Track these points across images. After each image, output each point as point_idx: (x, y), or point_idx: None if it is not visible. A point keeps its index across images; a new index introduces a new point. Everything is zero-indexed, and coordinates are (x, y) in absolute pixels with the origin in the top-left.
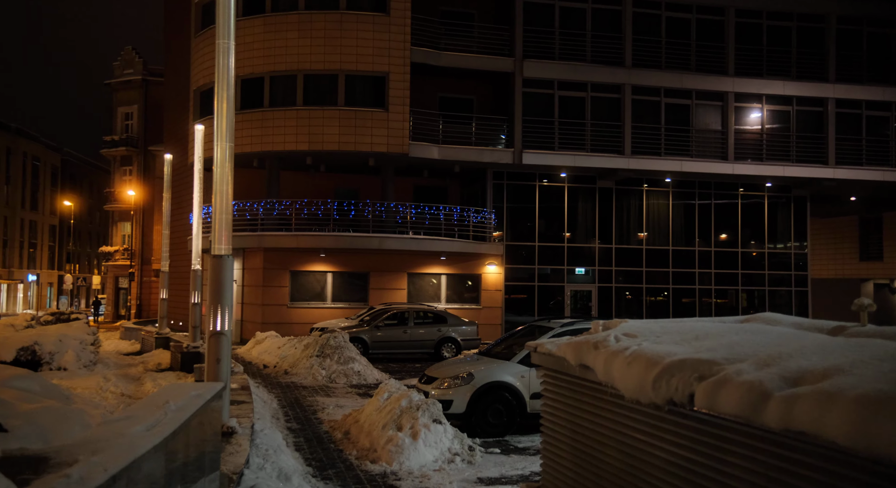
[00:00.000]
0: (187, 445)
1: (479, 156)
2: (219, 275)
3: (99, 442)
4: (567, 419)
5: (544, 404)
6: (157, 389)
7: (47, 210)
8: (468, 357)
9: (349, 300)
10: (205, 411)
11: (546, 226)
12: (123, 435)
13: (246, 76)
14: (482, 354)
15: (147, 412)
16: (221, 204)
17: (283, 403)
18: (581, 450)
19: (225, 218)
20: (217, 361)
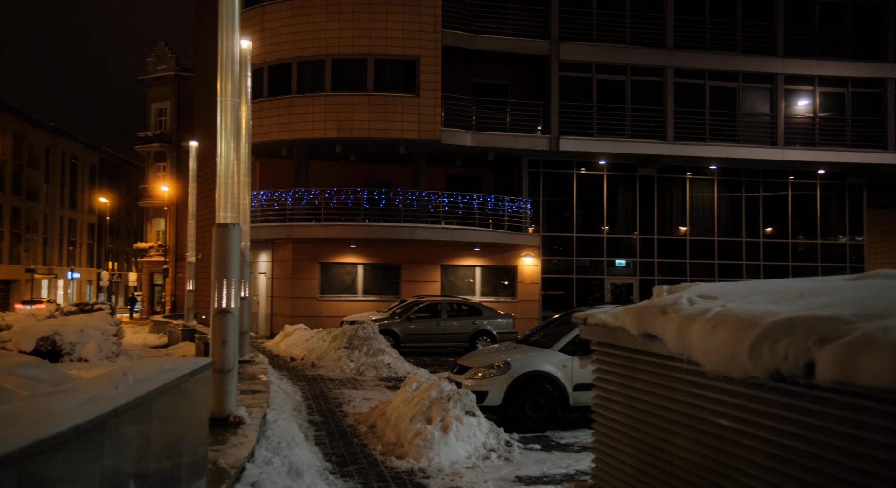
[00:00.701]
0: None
1: (514, 142)
2: (224, 247)
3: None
4: (626, 403)
5: (597, 387)
6: None
7: (86, 208)
8: (504, 346)
9: (380, 293)
10: (180, 390)
11: (584, 217)
12: (39, 411)
13: (273, 62)
14: (519, 342)
15: (94, 385)
16: (226, 167)
17: (308, 395)
18: (645, 443)
19: (230, 182)
20: (222, 343)
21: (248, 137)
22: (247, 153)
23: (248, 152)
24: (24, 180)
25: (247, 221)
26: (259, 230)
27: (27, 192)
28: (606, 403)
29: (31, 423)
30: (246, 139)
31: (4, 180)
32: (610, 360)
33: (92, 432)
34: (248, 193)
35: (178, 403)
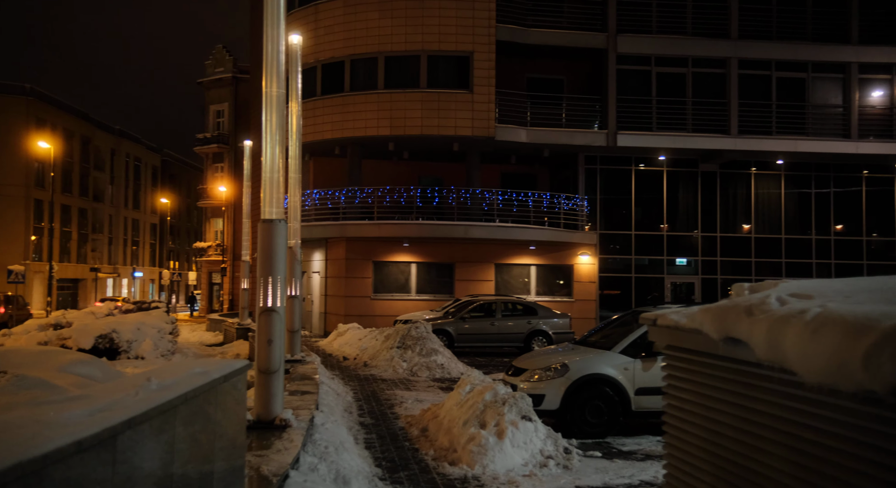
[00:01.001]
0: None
1: (571, 138)
2: (270, 243)
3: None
4: (703, 414)
5: (669, 395)
6: None
7: (148, 209)
8: (561, 347)
9: (434, 292)
10: (212, 395)
11: (643, 214)
12: (39, 423)
13: (326, 61)
14: (577, 343)
15: (112, 391)
16: (271, 162)
17: (359, 396)
18: (725, 459)
19: (275, 177)
20: (268, 342)
21: (299, 135)
22: (297, 150)
23: (298, 150)
24: (90, 182)
25: (297, 219)
26: (312, 229)
27: (94, 194)
28: (679, 413)
29: (24, 438)
30: (297, 136)
31: (73, 182)
32: (684, 366)
33: (99, 447)
34: (298, 191)
35: (210, 409)
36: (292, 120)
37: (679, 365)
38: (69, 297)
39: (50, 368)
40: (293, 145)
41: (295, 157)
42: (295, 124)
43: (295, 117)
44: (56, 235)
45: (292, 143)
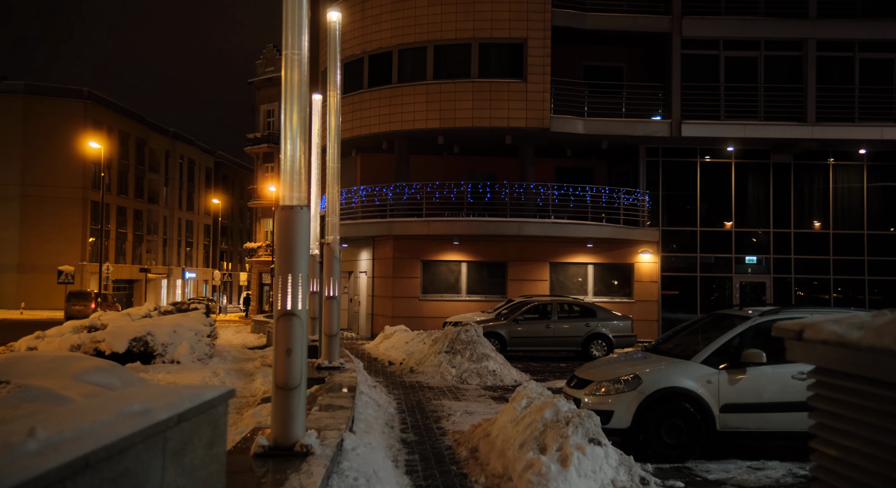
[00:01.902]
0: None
1: (631, 129)
2: (290, 234)
3: None
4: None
5: (820, 439)
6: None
7: (202, 210)
8: (629, 355)
9: (485, 292)
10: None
11: (709, 209)
12: None
13: (373, 51)
14: (648, 351)
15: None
16: (291, 138)
17: (402, 407)
18: None
19: (296, 157)
20: (286, 353)
21: (338, 124)
22: (336, 140)
23: (336, 140)
24: (145, 184)
25: (336, 213)
26: (359, 227)
27: (149, 195)
28: (842, 466)
29: None
30: (335, 126)
31: (128, 184)
32: (852, 400)
33: None
34: (338, 184)
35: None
36: (331, 107)
37: (843, 396)
38: (123, 298)
39: (63, 377)
40: (332, 135)
41: (334, 146)
42: (334, 112)
43: (334, 106)
44: (112, 236)
45: (331, 134)
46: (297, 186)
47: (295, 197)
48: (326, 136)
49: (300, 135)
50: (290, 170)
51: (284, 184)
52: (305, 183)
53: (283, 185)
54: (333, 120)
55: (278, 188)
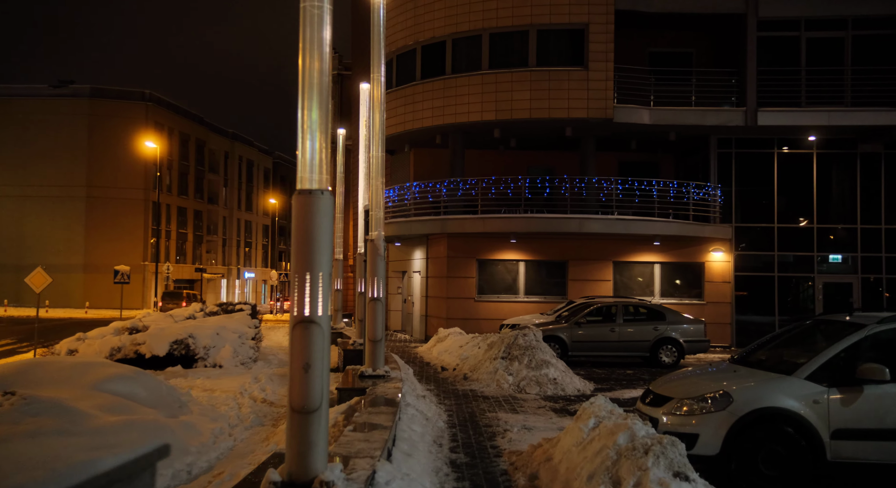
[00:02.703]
0: None
1: (701, 118)
2: (308, 224)
3: None
4: None
5: None
6: None
7: (260, 210)
8: (712, 367)
9: (544, 293)
10: None
11: (787, 204)
12: None
13: (426, 41)
14: (735, 362)
15: None
16: (309, 110)
17: (453, 421)
18: None
19: (314, 129)
20: (304, 369)
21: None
22: (380, 128)
23: (380, 129)
24: (205, 185)
25: (380, 206)
26: (412, 224)
27: (208, 196)
28: None
29: None
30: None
31: (188, 185)
32: None
33: None
34: (381, 177)
35: None
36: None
37: None
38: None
39: (80, 386)
40: (375, 122)
41: (377, 132)
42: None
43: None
44: (172, 237)
45: (374, 121)
46: (316, 168)
47: (315, 180)
48: (370, 126)
49: (317, 101)
50: (311, 147)
51: (303, 165)
52: (328, 165)
53: (302, 168)
54: (378, 106)
55: (334, 189)
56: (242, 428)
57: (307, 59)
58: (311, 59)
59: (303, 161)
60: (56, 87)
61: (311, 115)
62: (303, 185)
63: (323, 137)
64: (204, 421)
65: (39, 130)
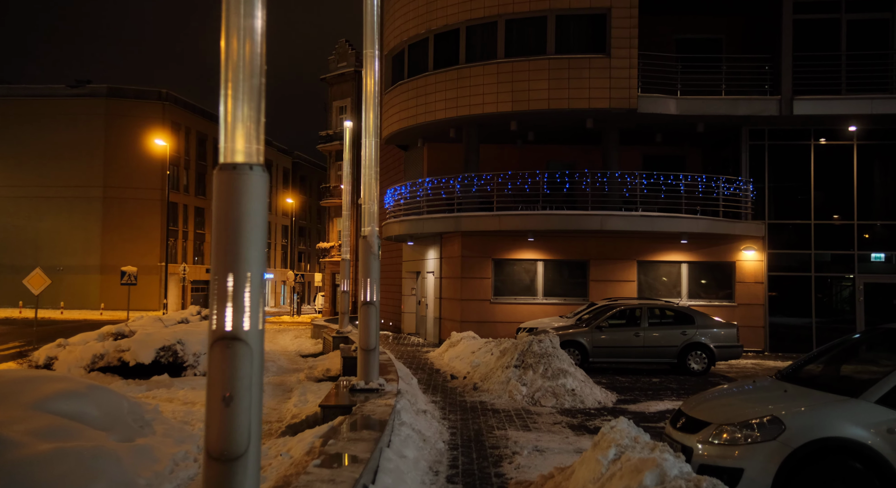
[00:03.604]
0: None
1: (732, 108)
2: (233, 210)
3: None
4: None
5: None
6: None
7: (280, 211)
8: (755, 384)
9: (564, 294)
10: None
11: (825, 199)
12: None
13: (439, 30)
14: (783, 378)
15: None
16: (241, 51)
17: (456, 440)
18: None
19: (246, 88)
20: (223, 402)
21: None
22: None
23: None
24: None
25: (374, 200)
26: (424, 222)
27: None
28: None
29: None
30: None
31: (206, 185)
32: None
33: None
34: (376, 166)
35: None
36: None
37: None
38: (200, 298)
39: (20, 405)
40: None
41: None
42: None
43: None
44: (189, 237)
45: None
46: (250, 137)
47: (242, 152)
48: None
49: (245, 29)
50: (233, 107)
51: (226, 130)
52: (263, 131)
53: (226, 135)
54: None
55: (229, 143)
56: None
57: None
58: None
59: (225, 124)
60: (73, 87)
61: (238, 49)
62: (226, 158)
63: (255, 94)
64: (166, 443)
65: (56, 130)
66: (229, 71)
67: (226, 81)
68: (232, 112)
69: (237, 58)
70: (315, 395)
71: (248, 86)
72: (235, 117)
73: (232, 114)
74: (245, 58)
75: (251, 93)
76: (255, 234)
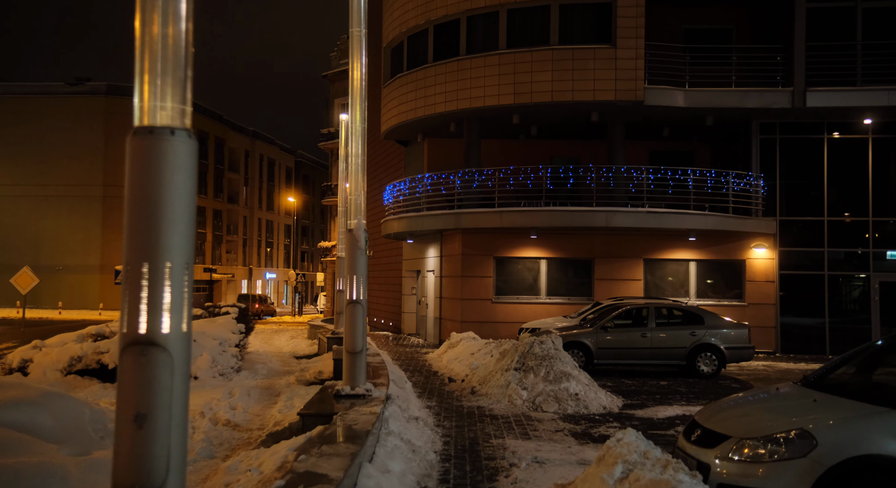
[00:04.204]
0: None
1: (743, 100)
2: (149, 182)
3: None
4: None
5: None
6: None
7: (282, 210)
8: (776, 391)
9: (568, 294)
10: None
11: (838, 195)
12: None
13: (439, 20)
14: (809, 385)
15: None
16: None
17: (449, 451)
18: None
19: (177, 41)
20: (135, 423)
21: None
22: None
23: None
24: (225, 184)
25: (360, 190)
26: (423, 219)
27: (228, 195)
28: None
29: None
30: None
31: (207, 183)
32: None
33: None
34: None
35: None
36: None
37: None
38: (202, 299)
39: None
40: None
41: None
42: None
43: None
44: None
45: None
46: (173, 92)
47: (161, 109)
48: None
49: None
50: (150, 59)
51: (140, 88)
52: (188, 90)
53: (140, 92)
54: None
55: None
56: None
57: None
58: None
59: (141, 76)
60: (72, 85)
61: (151, 65)
62: (141, 120)
63: (180, 41)
64: None
65: (56, 129)
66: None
67: (144, 18)
68: (150, 59)
69: (158, 57)
70: (303, 400)
71: (173, 20)
72: (154, 66)
73: (150, 61)
74: (178, 61)
75: (177, 40)
76: (178, 215)
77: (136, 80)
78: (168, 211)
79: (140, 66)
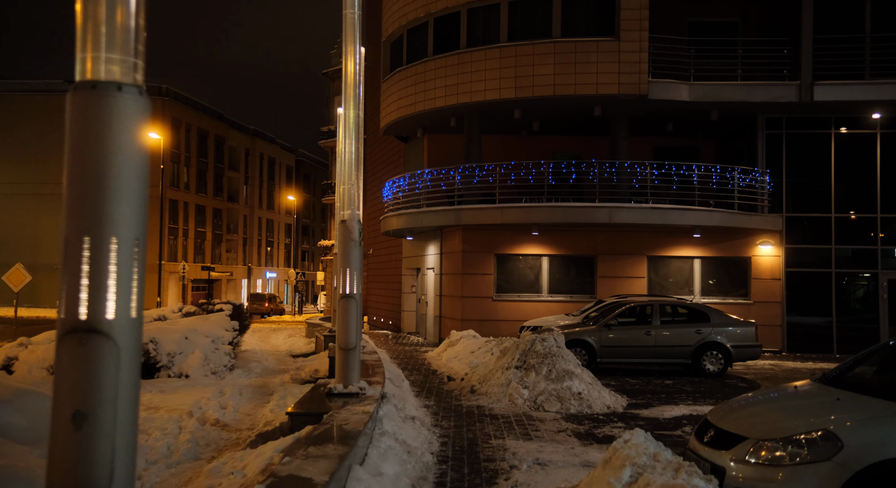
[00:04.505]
0: None
1: (749, 94)
2: (91, 143)
3: None
4: None
5: None
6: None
7: (283, 209)
8: (793, 389)
9: (570, 291)
10: None
11: (846, 191)
12: None
13: (439, 13)
14: (828, 384)
15: None
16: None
17: (446, 452)
18: None
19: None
20: (73, 423)
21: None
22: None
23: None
24: (225, 182)
25: (353, 180)
26: (423, 216)
27: (228, 194)
28: None
29: None
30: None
31: (207, 182)
32: None
33: None
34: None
35: None
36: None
37: None
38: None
39: None
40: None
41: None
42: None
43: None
44: (190, 235)
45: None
46: (108, 44)
47: (106, 61)
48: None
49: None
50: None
51: (83, 38)
52: (140, 42)
53: (82, 41)
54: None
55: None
56: (165, 465)
57: None
58: None
59: (84, 23)
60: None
61: (85, 18)
62: (83, 74)
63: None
64: None
65: (55, 127)
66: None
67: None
68: (93, 4)
69: None
70: (296, 399)
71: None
72: (97, 11)
73: (93, 6)
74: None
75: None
76: (126, 183)
77: (79, 29)
78: (113, 178)
79: (84, 12)
